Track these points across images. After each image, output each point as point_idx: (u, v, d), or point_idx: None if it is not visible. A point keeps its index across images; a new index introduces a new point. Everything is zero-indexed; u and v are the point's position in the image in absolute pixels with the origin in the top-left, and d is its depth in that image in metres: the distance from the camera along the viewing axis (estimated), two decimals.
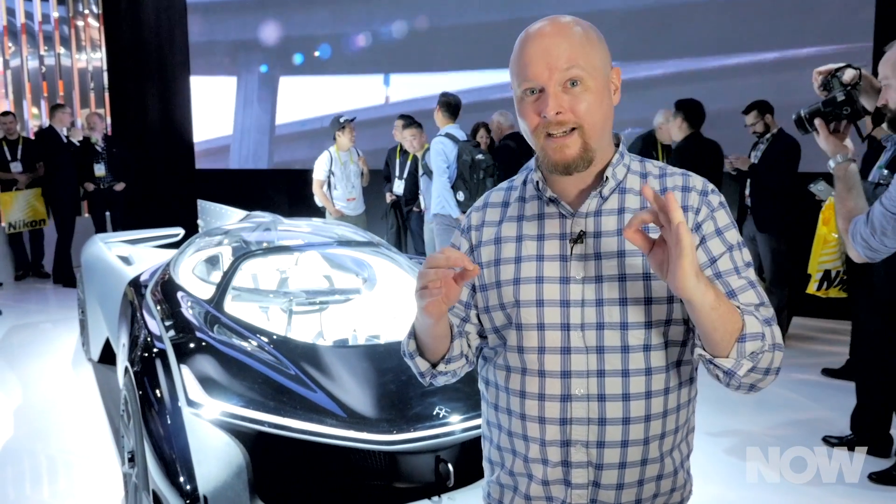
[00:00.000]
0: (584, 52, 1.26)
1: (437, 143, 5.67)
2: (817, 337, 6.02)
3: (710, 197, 1.31)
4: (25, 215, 8.02)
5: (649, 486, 1.32)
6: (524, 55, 1.28)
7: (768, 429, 4.08)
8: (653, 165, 1.37)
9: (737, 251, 1.30)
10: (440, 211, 5.64)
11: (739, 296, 1.26)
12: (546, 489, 1.34)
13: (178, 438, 2.53)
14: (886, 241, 2.10)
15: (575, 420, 1.30)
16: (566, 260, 1.31)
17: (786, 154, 5.34)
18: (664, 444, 1.32)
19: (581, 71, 1.25)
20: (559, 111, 1.25)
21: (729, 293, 1.25)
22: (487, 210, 1.44)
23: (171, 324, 3.17)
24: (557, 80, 1.25)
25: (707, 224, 1.29)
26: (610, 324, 1.28)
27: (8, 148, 7.93)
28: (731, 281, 1.27)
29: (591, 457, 1.30)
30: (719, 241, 1.29)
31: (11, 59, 9.71)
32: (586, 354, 1.28)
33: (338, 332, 3.81)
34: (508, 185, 1.45)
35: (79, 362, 5.36)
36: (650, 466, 1.31)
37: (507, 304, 1.35)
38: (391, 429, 2.60)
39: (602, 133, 1.30)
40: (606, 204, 1.32)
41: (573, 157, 1.27)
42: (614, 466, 1.30)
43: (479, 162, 5.44)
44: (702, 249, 1.28)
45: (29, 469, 3.76)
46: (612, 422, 1.29)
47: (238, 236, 4.27)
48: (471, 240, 1.43)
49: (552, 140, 1.27)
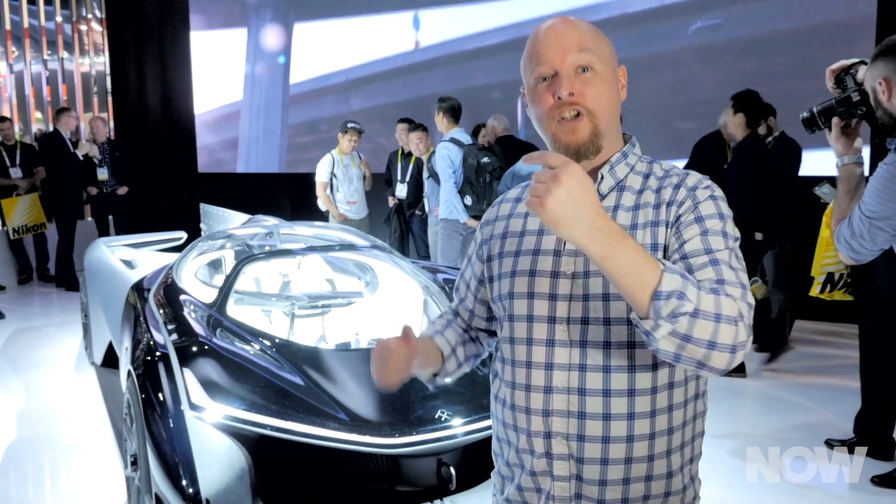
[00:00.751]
0: (595, 41, 1.33)
1: (441, 148, 5.68)
2: (820, 340, 6.01)
3: (699, 191, 1.29)
4: (27, 220, 8.04)
5: (637, 486, 1.31)
6: (536, 45, 1.34)
7: (770, 431, 4.07)
8: (660, 167, 1.37)
9: (713, 236, 1.23)
10: (448, 216, 5.64)
11: (696, 272, 1.19)
12: (534, 480, 1.35)
13: (180, 442, 2.53)
14: (865, 244, 2.11)
15: (555, 412, 1.31)
16: (559, 255, 1.33)
17: (788, 157, 5.34)
18: (655, 445, 1.30)
19: (592, 56, 1.30)
20: (572, 92, 1.29)
21: (687, 268, 1.21)
22: (502, 205, 1.50)
23: (174, 327, 3.17)
24: (570, 64, 1.30)
25: (687, 214, 1.27)
26: (594, 319, 1.29)
27: (6, 153, 7.95)
28: (693, 261, 1.21)
29: (573, 450, 1.30)
30: (695, 227, 1.25)
31: (15, 64, 9.73)
32: (569, 348, 1.30)
33: (340, 336, 3.81)
34: (528, 182, 1.48)
35: (81, 366, 5.37)
36: (636, 465, 1.29)
37: (503, 296, 1.39)
38: (393, 432, 2.60)
39: (609, 122, 1.33)
40: (603, 202, 1.33)
41: (584, 139, 1.31)
42: (596, 462, 1.29)
43: (485, 165, 5.45)
44: (674, 237, 1.26)
45: (31, 472, 3.77)
46: (591, 416, 1.29)
47: (240, 240, 4.27)
48: (483, 233, 1.50)
49: (563, 123, 1.31)
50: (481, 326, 1.56)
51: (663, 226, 1.28)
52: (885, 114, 2.14)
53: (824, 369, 5.06)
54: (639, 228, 1.29)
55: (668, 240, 1.27)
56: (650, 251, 1.26)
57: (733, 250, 1.24)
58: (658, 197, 1.31)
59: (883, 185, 2.09)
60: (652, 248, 1.27)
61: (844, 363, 4.98)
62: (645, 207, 1.31)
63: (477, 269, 1.51)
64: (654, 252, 1.27)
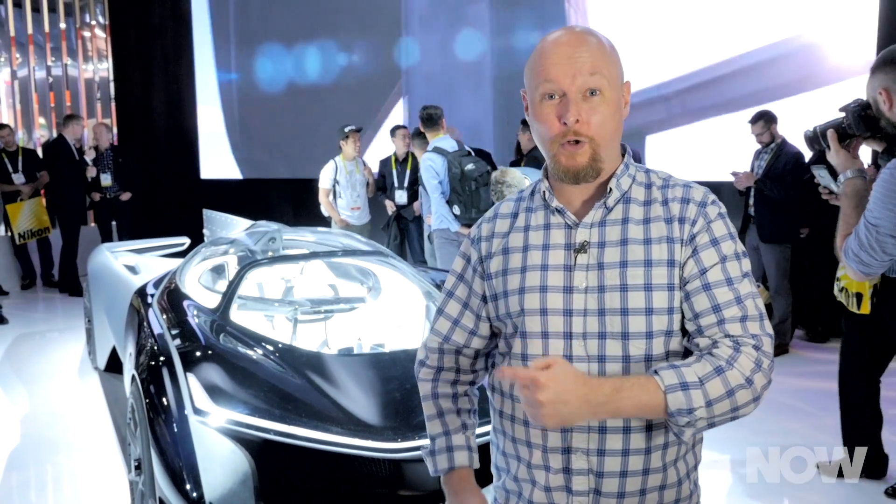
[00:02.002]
0: (605, 62, 1.30)
1: (424, 159, 5.56)
2: (821, 346, 6.01)
3: (709, 208, 1.32)
4: (32, 225, 8.07)
5: (651, 497, 1.33)
6: (545, 60, 1.31)
7: (769, 436, 4.07)
8: (657, 176, 1.38)
9: (732, 262, 1.30)
10: (439, 226, 5.62)
11: (724, 310, 1.27)
12: (548, 495, 1.35)
13: (184, 446, 2.54)
14: (874, 255, 2.11)
15: (576, 428, 1.31)
16: (570, 270, 1.32)
17: (791, 164, 5.36)
18: (667, 455, 1.33)
19: (603, 80, 1.29)
20: (578, 119, 1.28)
21: (714, 307, 1.27)
22: (497, 221, 1.45)
23: (178, 332, 3.19)
24: (579, 87, 1.28)
25: (702, 235, 1.30)
26: (612, 333, 1.29)
27: (9, 160, 7.97)
28: (717, 294, 1.28)
29: (592, 464, 1.31)
30: (713, 252, 1.30)
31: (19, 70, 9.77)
32: (588, 363, 1.30)
33: (343, 341, 3.83)
34: (519, 195, 1.48)
35: (85, 371, 5.39)
36: (652, 476, 1.32)
37: (513, 314, 1.37)
38: (396, 437, 2.61)
39: (611, 145, 1.34)
40: (611, 214, 1.34)
41: (583, 164, 1.30)
42: (615, 475, 1.30)
43: (469, 172, 5.31)
44: (693, 260, 1.29)
45: (35, 477, 3.78)
46: (612, 430, 1.30)
47: (243, 245, 4.29)
48: (480, 251, 1.45)
49: (565, 147, 1.30)
50: (480, 347, 1.49)
51: (678, 243, 1.30)
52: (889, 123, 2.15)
53: (825, 374, 5.05)
54: (653, 243, 1.30)
55: (683, 257, 1.30)
56: (666, 266, 1.29)
57: (748, 275, 1.31)
58: (667, 211, 1.32)
59: (887, 191, 2.10)
60: (668, 265, 1.29)
61: None
62: (656, 221, 1.32)
63: (477, 286, 1.45)
64: (670, 268, 1.30)
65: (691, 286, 1.29)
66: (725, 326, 1.26)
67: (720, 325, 1.26)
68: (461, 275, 1.49)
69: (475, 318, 1.47)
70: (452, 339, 1.49)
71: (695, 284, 1.29)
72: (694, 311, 1.28)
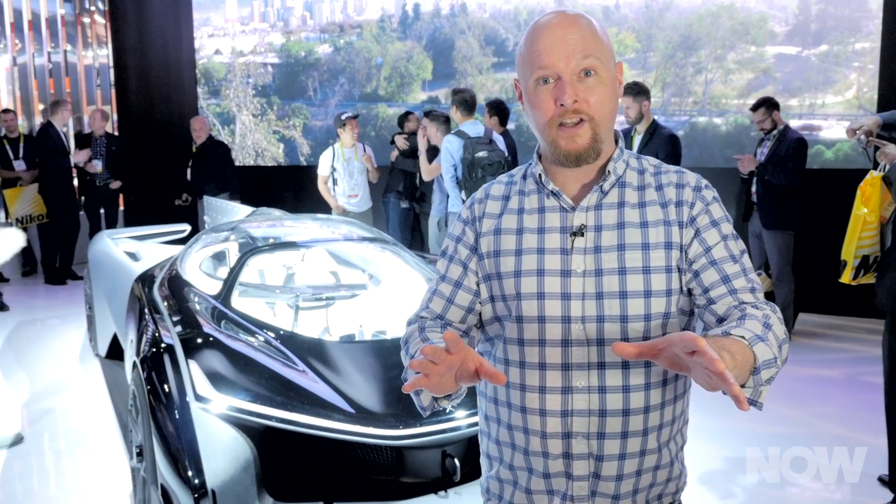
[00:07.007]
0: (597, 43, 1.29)
1: (444, 141, 5.64)
2: (823, 333, 6.02)
3: (704, 192, 1.35)
4: (31, 210, 8.02)
5: (646, 476, 1.34)
6: (537, 45, 1.30)
7: (769, 426, 4.07)
8: (648, 163, 1.39)
9: (731, 241, 1.33)
10: (452, 209, 5.65)
11: (733, 281, 1.29)
12: (547, 482, 1.35)
13: (185, 433, 2.54)
14: None
15: (576, 412, 1.31)
16: (567, 253, 1.32)
17: (793, 150, 5.34)
18: (662, 435, 1.34)
19: (596, 61, 1.28)
20: (576, 99, 1.27)
21: (723, 278, 1.29)
22: (488, 202, 1.44)
23: (179, 319, 3.19)
24: (574, 69, 1.27)
25: (702, 217, 1.33)
26: (610, 316, 1.29)
27: (10, 146, 7.90)
28: (726, 267, 1.30)
29: (592, 448, 1.32)
30: (715, 232, 1.32)
31: (18, 56, 9.72)
32: (587, 347, 1.30)
33: (344, 328, 3.82)
34: (509, 179, 1.46)
35: (86, 358, 5.39)
36: (648, 457, 1.33)
37: (507, 296, 1.36)
38: (398, 424, 2.61)
39: (609, 125, 1.34)
40: (607, 198, 1.34)
41: (584, 146, 1.30)
42: (614, 458, 1.31)
43: (479, 160, 5.30)
44: (697, 241, 1.31)
45: (36, 464, 3.78)
46: (612, 413, 1.30)
47: (245, 232, 4.28)
48: (476, 229, 1.42)
49: (564, 129, 1.29)
50: (473, 323, 1.44)
51: (676, 225, 1.31)
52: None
53: (827, 363, 5.06)
54: (650, 226, 1.31)
55: (684, 239, 1.31)
56: (663, 249, 1.30)
57: (745, 253, 1.34)
58: (662, 195, 1.33)
59: None
60: (666, 247, 1.30)
61: (847, 357, 4.98)
62: (651, 205, 1.33)
63: (472, 265, 1.41)
64: (667, 250, 1.30)
65: (698, 264, 1.31)
66: (739, 295, 1.28)
67: (732, 295, 1.28)
68: (451, 255, 1.45)
69: (473, 296, 1.41)
70: (446, 317, 1.43)
71: (702, 262, 1.30)
72: (704, 286, 1.30)
